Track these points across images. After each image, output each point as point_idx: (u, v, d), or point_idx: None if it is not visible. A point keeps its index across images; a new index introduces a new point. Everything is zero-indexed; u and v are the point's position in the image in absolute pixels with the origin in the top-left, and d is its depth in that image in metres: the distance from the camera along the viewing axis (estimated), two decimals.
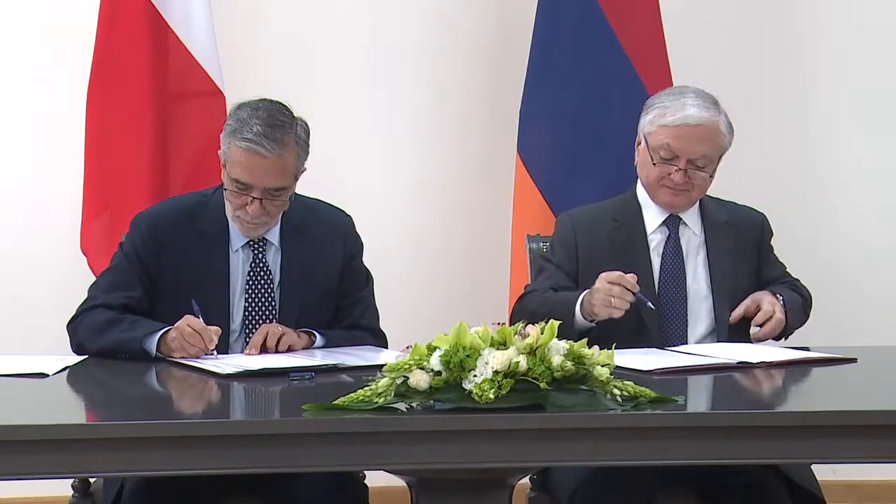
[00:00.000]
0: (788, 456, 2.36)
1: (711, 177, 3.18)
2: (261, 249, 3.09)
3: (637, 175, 3.25)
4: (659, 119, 3.14)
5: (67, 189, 4.05)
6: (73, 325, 3.06)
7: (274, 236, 3.11)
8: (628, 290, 2.94)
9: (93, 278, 3.90)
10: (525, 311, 3.07)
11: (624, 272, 3.03)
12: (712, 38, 4.40)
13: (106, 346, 2.95)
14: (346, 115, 4.33)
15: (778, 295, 3.14)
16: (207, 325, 2.89)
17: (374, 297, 3.23)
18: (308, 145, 3.06)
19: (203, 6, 3.96)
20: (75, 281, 4.05)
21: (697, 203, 3.23)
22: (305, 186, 3.26)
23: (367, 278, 3.23)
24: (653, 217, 3.22)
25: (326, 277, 3.13)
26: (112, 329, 2.97)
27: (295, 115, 3.04)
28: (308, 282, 3.10)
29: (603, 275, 2.98)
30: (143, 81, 3.91)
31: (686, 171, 3.12)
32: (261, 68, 4.19)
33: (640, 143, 3.21)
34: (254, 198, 2.97)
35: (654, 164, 3.15)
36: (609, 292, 2.94)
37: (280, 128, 2.96)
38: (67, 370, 2.79)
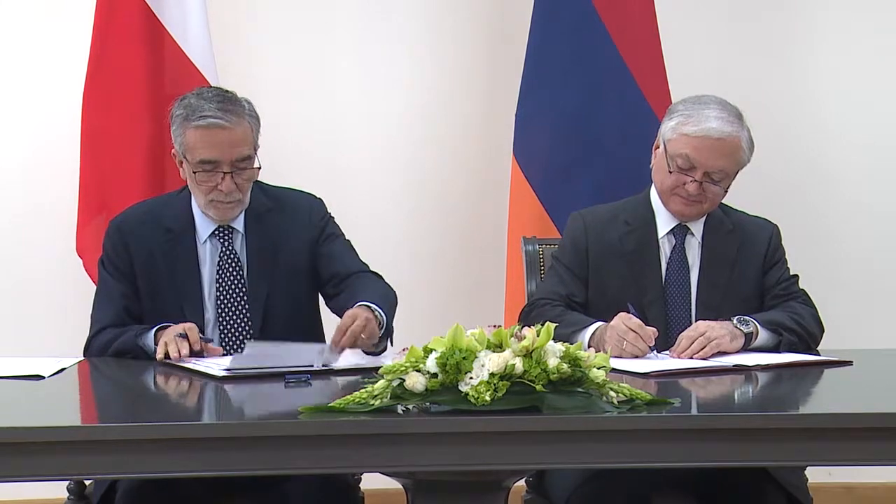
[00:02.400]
0: (785, 458, 2.35)
1: (725, 191, 3.16)
2: (227, 238, 3.14)
3: (650, 178, 3.23)
4: (681, 127, 3.11)
5: (63, 191, 4.05)
6: (87, 355, 3.11)
7: (239, 224, 3.15)
8: (642, 339, 2.90)
9: (88, 280, 3.93)
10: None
11: (634, 277, 3.07)
12: (708, 40, 4.40)
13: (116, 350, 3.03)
14: (341, 117, 4.33)
15: (739, 320, 3.04)
16: (184, 317, 2.97)
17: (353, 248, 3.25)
18: (258, 118, 3.13)
19: (199, 8, 3.96)
20: (71, 283, 4.07)
21: None
22: (302, 187, 3.28)
23: (346, 239, 3.25)
24: (663, 223, 3.21)
25: (295, 256, 3.16)
26: (113, 343, 3.05)
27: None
28: (275, 262, 3.14)
29: (623, 316, 2.94)
30: (139, 84, 3.92)
31: (701, 182, 3.11)
32: (256, 70, 4.20)
33: (658, 148, 3.19)
34: (224, 173, 3.03)
35: (671, 172, 3.13)
36: (624, 335, 2.91)
37: (230, 101, 3.07)
38: (63, 372, 2.78)
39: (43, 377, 2.68)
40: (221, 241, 3.13)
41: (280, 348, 2.78)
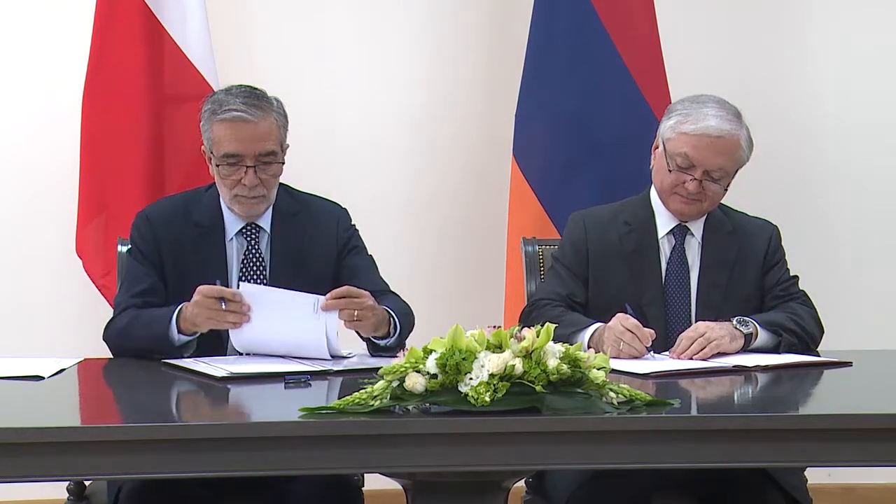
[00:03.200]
0: (784, 459, 2.36)
1: (725, 190, 3.16)
2: (254, 236, 3.13)
3: (650, 179, 3.23)
4: (679, 126, 3.11)
5: (63, 192, 4.04)
6: (106, 336, 3.08)
7: (266, 223, 3.14)
8: (639, 340, 2.89)
9: (88, 281, 3.93)
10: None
11: (634, 277, 3.09)
12: (708, 41, 4.40)
13: (141, 350, 2.97)
14: (341, 118, 4.33)
15: (739, 321, 3.03)
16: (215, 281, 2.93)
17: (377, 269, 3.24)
18: (286, 117, 3.13)
19: (198, 8, 3.96)
20: (71, 284, 4.07)
21: None
22: (301, 188, 3.28)
23: (369, 254, 3.25)
24: (663, 224, 3.21)
25: (319, 263, 3.14)
26: (133, 332, 2.99)
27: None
28: (299, 266, 3.12)
29: (621, 317, 2.94)
30: (139, 84, 3.92)
31: (701, 181, 3.11)
32: (256, 71, 4.19)
33: (657, 148, 3.19)
34: (248, 167, 3.03)
35: (670, 171, 3.13)
36: (622, 336, 2.91)
37: (258, 97, 3.09)
38: (63, 372, 2.78)
39: (43, 378, 2.68)
40: (247, 238, 3.12)
41: (275, 295, 2.88)
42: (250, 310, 2.86)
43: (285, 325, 2.87)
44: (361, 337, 3.00)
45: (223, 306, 2.85)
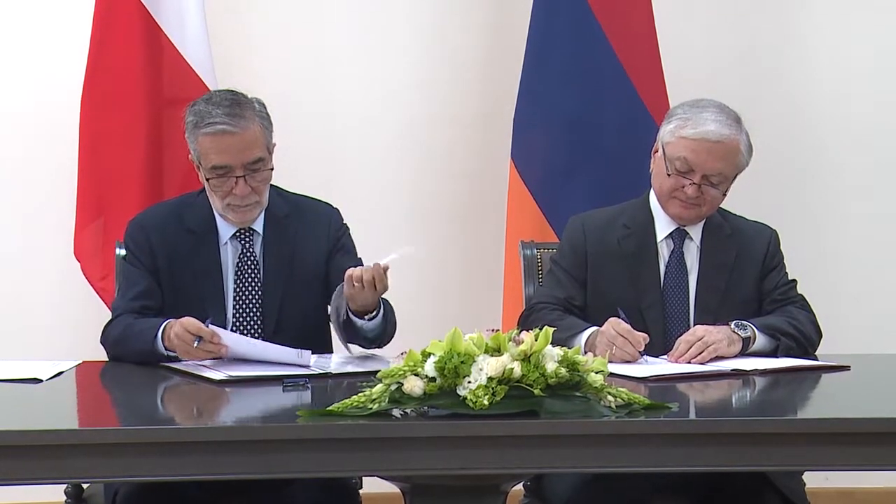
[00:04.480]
0: (782, 463, 2.36)
1: (724, 194, 3.16)
2: (248, 239, 3.13)
3: (648, 182, 3.23)
4: (679, 130, 3.11)
5: (61, 195, 4.04)
6: (103, 340, 3.09)
7: (259, 226, 3.15)
8: (631, 344, 2.89)
9: (86, 283, 3.92)
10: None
11: (632, 280, 3.10)
12: (706, 43, 4.40)
13: (135, 360, 2.97)
14: (339, 121, 4.33)
15: (737, 325, 3.02)
16: (206, 316, 2.91)
17: None
18: (269, 118, 3.13)
19: (197, 10, 3.96)
20: (69, 287, 4.07)
21: None
22: (299, 191, 3.28)
23: (358, 257, 3.24)
24: (662, 227, 3.21)
25: (311, 263, 3.15)
26: (125, 344, 3.00)
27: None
28: (291, 267, 3.13)
29: (613, 321, 2.95)
30: (137, 87, 3.91)
31: (700, 185, 3.11)
32: (255, 73, 4.19)
33: (657, 152, 3.19)
34: (237, 177, 3.03)
35: (669, 175, 3.13)
36: (613, 340, 2.91)
37: (238, 105, 3.06)
38: (60, 375, 2.78)
39: (41, 380, 2.68)
40: (242, 242, 3.13)
41: (256, 346, 2.89)
42: (228, 349, 2.85)
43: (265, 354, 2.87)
44: (344, 318, 2.98)
45: (195, 343, 2.83)
